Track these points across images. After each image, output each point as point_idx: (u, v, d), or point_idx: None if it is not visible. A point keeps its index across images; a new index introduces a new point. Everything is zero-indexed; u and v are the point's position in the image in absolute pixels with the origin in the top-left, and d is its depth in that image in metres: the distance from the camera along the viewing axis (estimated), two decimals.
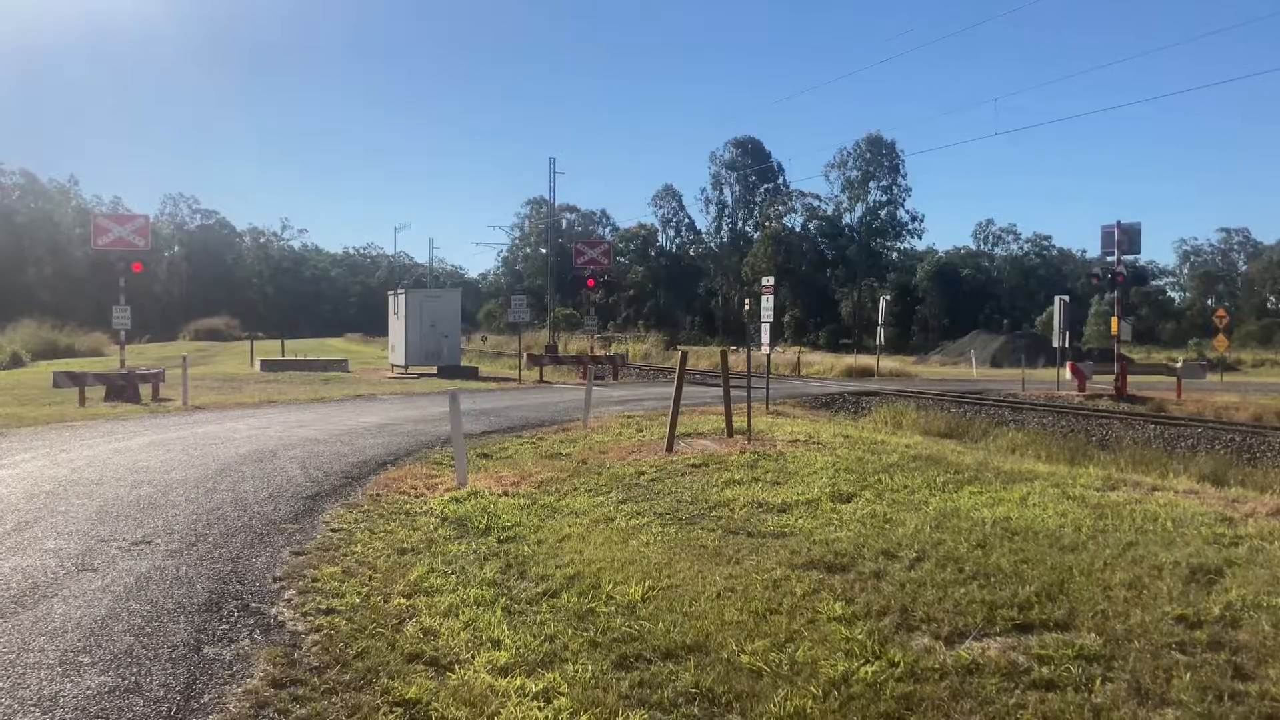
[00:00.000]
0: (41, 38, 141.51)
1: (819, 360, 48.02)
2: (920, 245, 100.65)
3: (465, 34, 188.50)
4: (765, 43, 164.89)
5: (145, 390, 21.94)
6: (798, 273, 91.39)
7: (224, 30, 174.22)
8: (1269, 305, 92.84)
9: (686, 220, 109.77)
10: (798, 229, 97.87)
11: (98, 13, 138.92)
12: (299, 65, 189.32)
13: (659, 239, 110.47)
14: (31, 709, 4.45)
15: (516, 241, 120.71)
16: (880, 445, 12.48)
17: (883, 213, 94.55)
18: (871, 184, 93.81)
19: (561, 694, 4.65)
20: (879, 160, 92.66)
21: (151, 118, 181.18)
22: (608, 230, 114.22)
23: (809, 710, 4.39)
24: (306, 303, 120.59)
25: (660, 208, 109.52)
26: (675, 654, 5.10)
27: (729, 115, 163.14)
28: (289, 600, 6.21)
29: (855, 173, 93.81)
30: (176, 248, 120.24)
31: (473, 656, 5.16)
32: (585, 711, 4.46)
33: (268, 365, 36.15)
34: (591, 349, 37.57)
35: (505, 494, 9.79)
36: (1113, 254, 27.93)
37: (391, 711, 4.50)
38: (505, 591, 6.37)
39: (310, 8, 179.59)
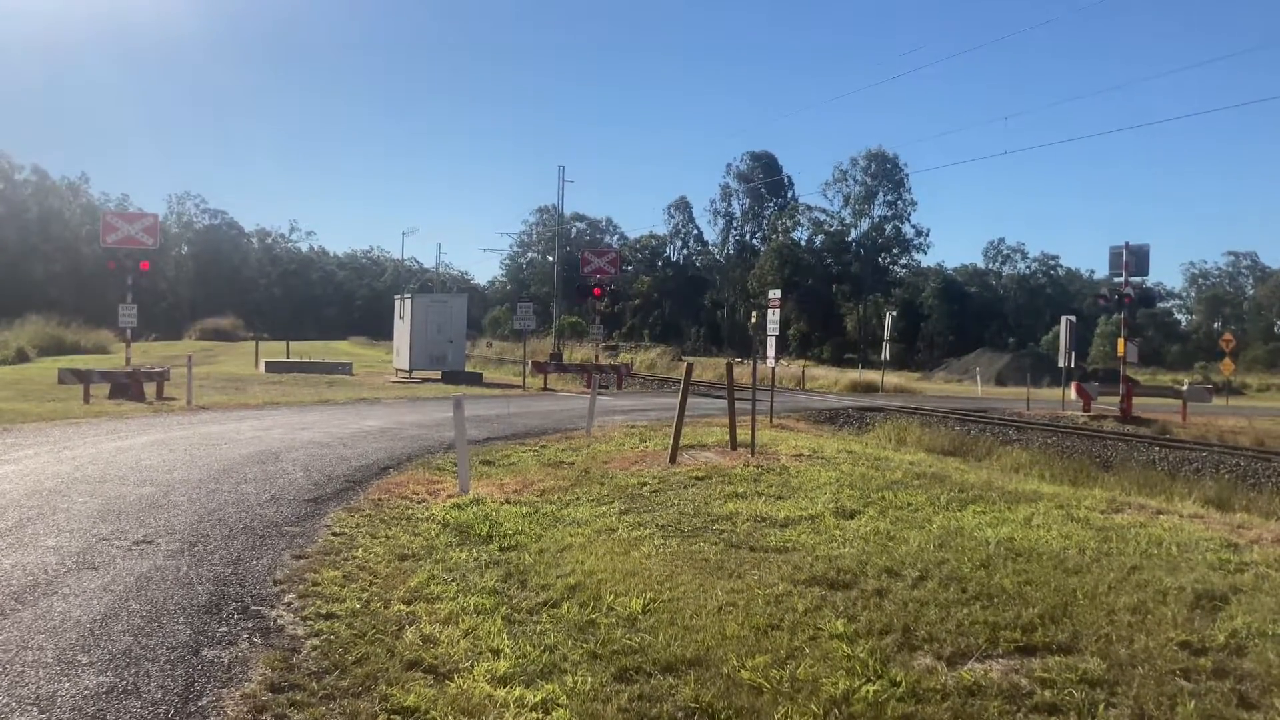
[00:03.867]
0: (54, 35, 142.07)
1: (823, 374, 47.98)
2: (928, 261, 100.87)
3: (478, 40, 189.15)
4: (776, 57, 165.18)
5: (150, 389, 21.96)
6: (804, 287, 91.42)
7: (235, 31, 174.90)
8: (1275, 329, 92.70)
9: (695, 232, 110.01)
10: (804, 243, 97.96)
11: (111, 11, 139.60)
12: (310, 67, 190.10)
13: (667, 250, 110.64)
14: (29, 708, 4.44)
15: (522, 248, 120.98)
16: (884, 461, 12.45)
17: (888, 227, 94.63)
18: (876, 199, 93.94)
19: (560, 705, 4.62)
20: (883, 175, 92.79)
21: (161, 117, 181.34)
22: (615, 239, 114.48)
23: None
24: (312, 305, 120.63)
25: (673, 218, 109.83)
26: (675, 668, 5.07)
27: (739, 128, 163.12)
28: (289, 604, 6.19)
29: (858, 188, 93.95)
30: (184, 247, 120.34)
31: (472, 665, 5.14)
32: None
33: (272, 366, 36.17)
34: (597, 357, 37.58)
35: (507, 502, 9.77)
36: (1120, 275, 27.91)
37: (390, 719, 4.48)
38: (506, 600, 6.34)
39: (323, 11, 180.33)
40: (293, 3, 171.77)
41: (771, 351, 18.46)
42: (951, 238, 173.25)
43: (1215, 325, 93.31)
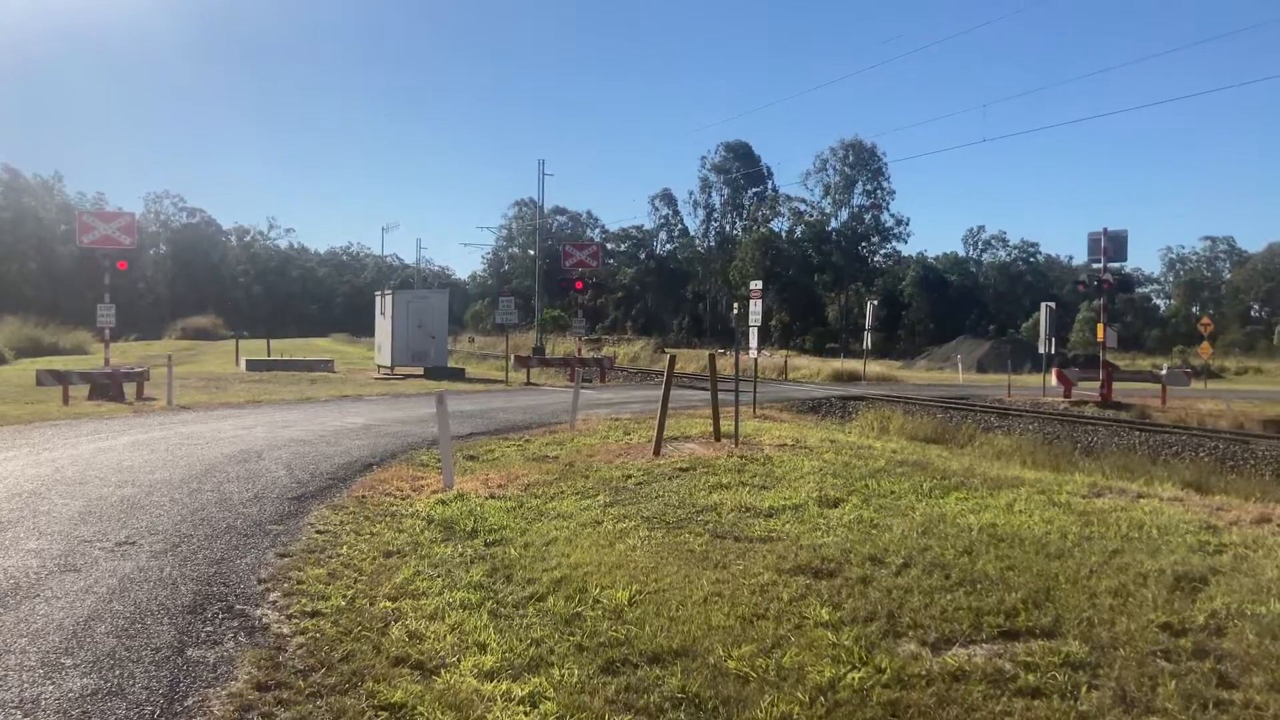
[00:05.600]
0: (24, 32, 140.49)
1: (806, 364, 48.13)
2: (908, 249, 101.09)
3: (454, 35, 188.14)
4: (756, 46, 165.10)
5: (130, 389, 21.80)
6: (785, 277, 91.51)
7: (211, 28, 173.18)
8: (1252, 313, 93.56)
9: (680, 226, 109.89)
10: (784, 234, 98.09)
11: (83, 9, 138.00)
12: (286, 64, 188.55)
13: (654, 243, 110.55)
14: (13, 711, 4.41)
15: (505, 243, 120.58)
16: (867, 450, 12.50)
17: (867, 217, 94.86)
18: (855, 189, 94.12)
19: (548, 698, 4.63)
20: (861, 165, 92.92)
21: (136, 115, 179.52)
22: (596, 232, 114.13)
23: (796, 716, 4.38)
24: (293, 302, 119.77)
25: (658, 210, 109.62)
26: (662, 659, 5.09)
27: (720, 119, 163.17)
28: (274, 602, 6.17)
29: (836, 177, 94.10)
30: (162, 246, 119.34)
31: (459, 660, 5.14)
32: (571, 716, 4.45)
33: (253, 365, 35.98)
34: (579, 351, 37.56)
35: (492, 496, 9.76)
36: (1099, 261, 28.12)
37: (377, 715, 4.48)
38: (492, 595, 6.35)
39: (299, 7, 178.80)
40: (268, 0, 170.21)
41: (754, 342, 18.48)
42: (931, 226, 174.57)
43: (1193, 309, 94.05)
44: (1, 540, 7.54)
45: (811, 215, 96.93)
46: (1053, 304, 32.69)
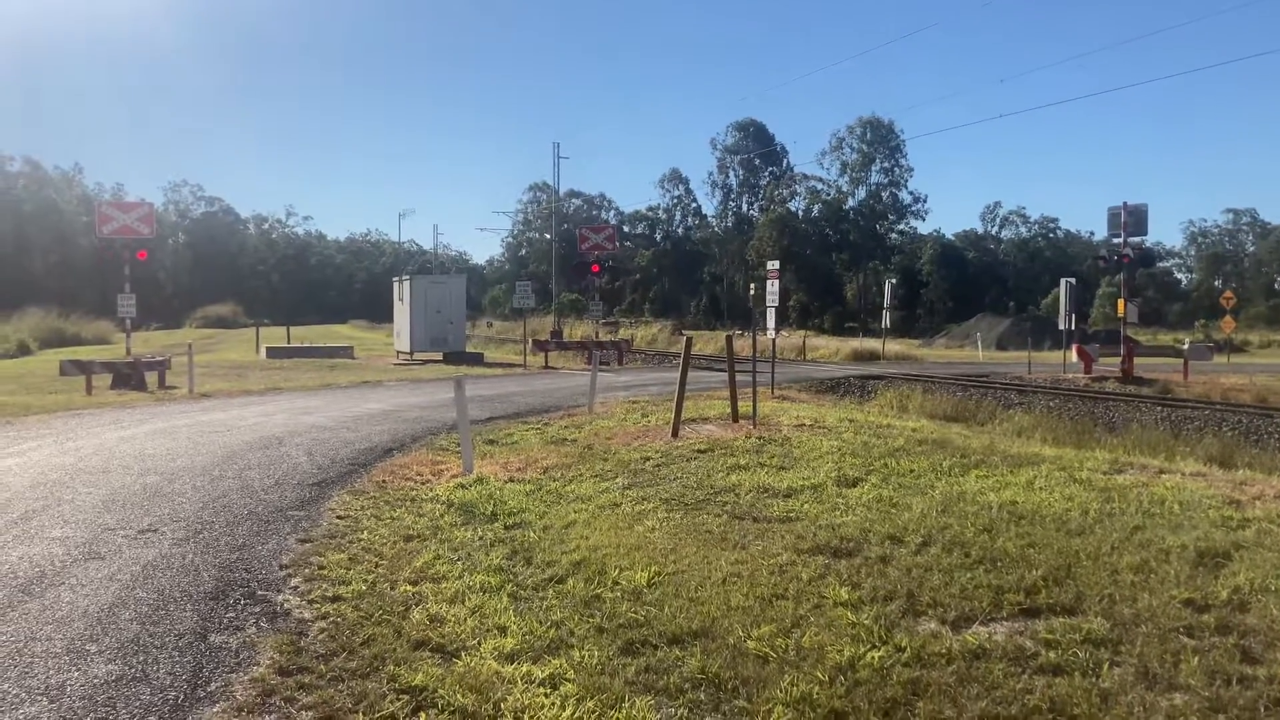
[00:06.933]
0: (44, 25, 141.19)
1: (824, 344, 47.95)
2: (925, 227, 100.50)
3: (467, 19, 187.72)
4: (771, 24, 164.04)
5: (151, 378, 21.95)
6: (802, 256, 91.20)
7: (227, 17, 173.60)
8: (1276, 286, 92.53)
9: (694, 205, 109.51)
10: (801, 213, 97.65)
11: (101, 0, 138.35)
12: (302, 52, 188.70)
13: (671, 224, 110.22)
14: (39, 698, 4.46)
15: (520, 227, 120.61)
16: (886, 429, 12.46)
17: (885, 194, 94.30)
18: (873, 167, 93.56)
19: (568, 680, 4.64)
20: (879, 142, 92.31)
21: (155, 105, 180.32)
22: (612, 214, 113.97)
23: (815, 696, 4.38)
24: (311, 289, 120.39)
25: (668, 191, 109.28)
26: (681, 640, 5.10)
27: (735, 98, 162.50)
28: (295, 588, 6.21)
29: (855, 155, 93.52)
30: (181, 235, 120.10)
31: (479, 643, 5.16)
32: (591, 698, 4.46)
33: (273, 352, 36.17)
34: (597, 334, 37.56)
35: (511, 480, 9.79)
36: (1119, 236, 27.81)
37: (398, 699, 4.50)
38: (511, 578, 6.37)
39: None
40: None
41: (771, 323, 18.41)
42: (949, 203, 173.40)
43: (1216, 283, 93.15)
44: (27, 529, 7.62)
45: (828, 194, 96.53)
46: (1073, 280, 32.34)
